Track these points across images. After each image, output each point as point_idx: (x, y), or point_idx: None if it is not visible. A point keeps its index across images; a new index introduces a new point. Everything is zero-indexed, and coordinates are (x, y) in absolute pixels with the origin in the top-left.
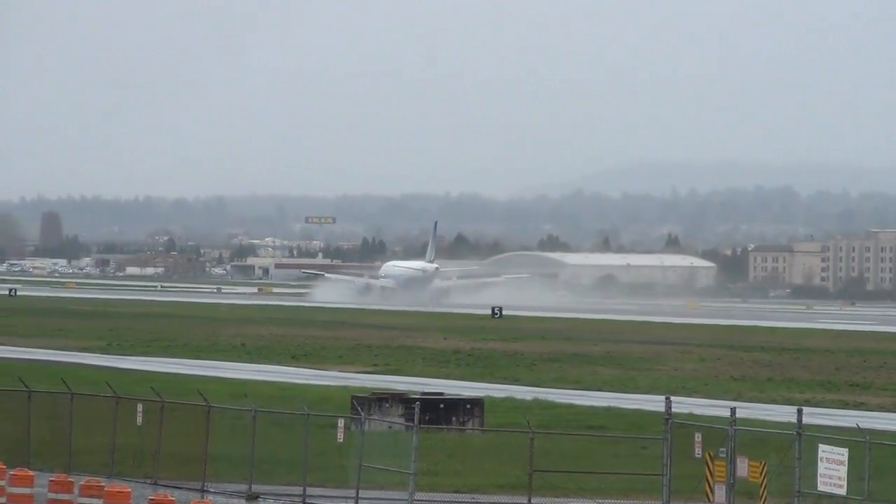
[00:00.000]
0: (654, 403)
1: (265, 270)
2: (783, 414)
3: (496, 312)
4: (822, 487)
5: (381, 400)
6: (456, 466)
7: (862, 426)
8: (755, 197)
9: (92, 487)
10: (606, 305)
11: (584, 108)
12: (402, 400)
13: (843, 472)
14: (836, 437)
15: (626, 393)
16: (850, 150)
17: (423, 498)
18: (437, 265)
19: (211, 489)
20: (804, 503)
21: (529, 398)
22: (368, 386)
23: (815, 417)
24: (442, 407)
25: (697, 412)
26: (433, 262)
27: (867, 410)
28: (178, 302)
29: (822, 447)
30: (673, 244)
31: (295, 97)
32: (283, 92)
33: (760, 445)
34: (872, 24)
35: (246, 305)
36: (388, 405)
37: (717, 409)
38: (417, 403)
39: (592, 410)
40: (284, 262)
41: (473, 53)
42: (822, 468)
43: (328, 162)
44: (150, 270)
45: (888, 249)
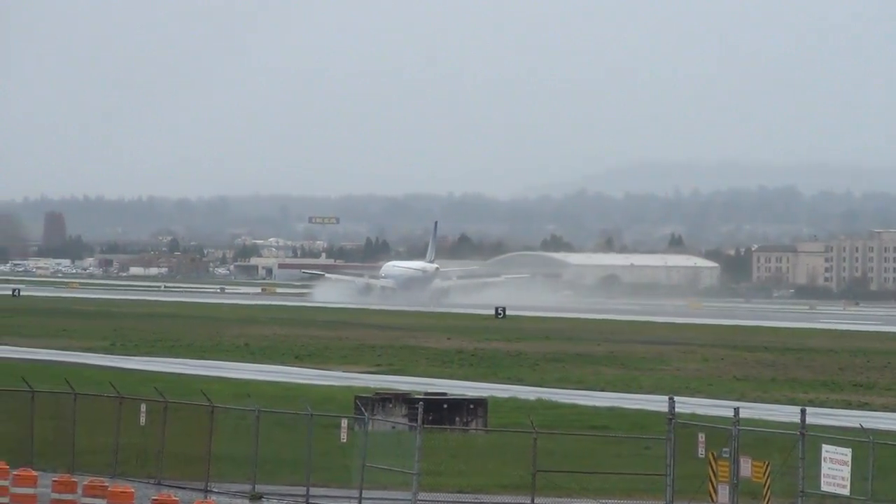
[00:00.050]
0: (657, 403)
1: (268, 270)
2: (786, 414)
3: (499, 312)
4: (825, 487)
5: (384, 400)
6: (459, 466)
7: (865, 426)
8: (758, 197)
9: (95, 487)
10: (609, 305)
11: (584, 108)
12: (405, 400)
13: (846, 472)
14: (839, 437)
15: (629, 393)
16: (852, 150)
17: (426, 498)
18: (437, 265)
19: (214, 489)
20: (807, 503)
21: (533, 398)
22: (372, 386)
23: (818, 417)
24: (445, 407)
25: (701, 412)
26: (433, 262)
27: (871, 410)
28: (181, 302)
29: (825, 447)
30: (676, 244)
31: (296, 97)
32: (284, 92)
33: (764, 445)
34: (872, 24)
35: (249, 305)
36: (391, 405)
37: (720, 409)
38: (421, 403)
39: (596, 410)
40: (288, 262)
41: (473, 53)
42: (825, 468)
43: (331, 162)
44: (153, 271)
45: (891, 249)
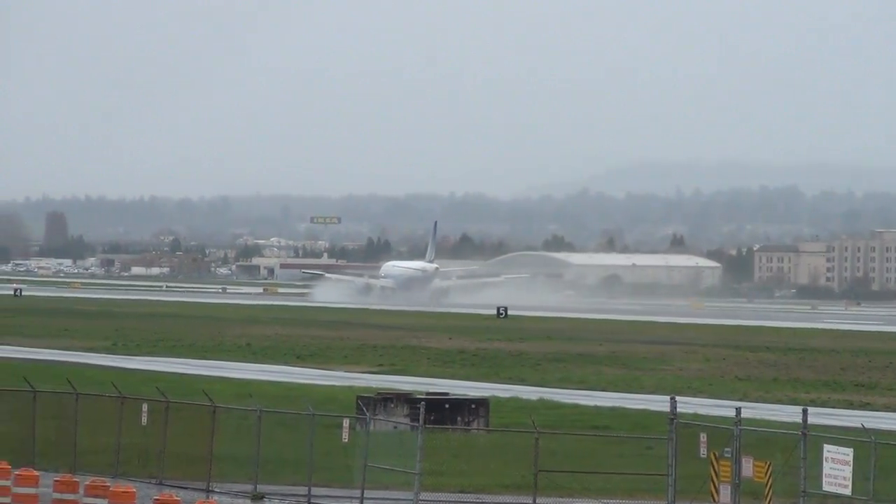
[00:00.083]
0: (659, 403)
1: (270, 270)
2: (788, 414)
3: (501, 312)
4: (827, 487)
5: (386, 400)
6: (461, 466)
7: (867, 426)
8: (760, 197)
9: (97, 487)
10: (611, 305)
11: (585, 108)
12: (407, 400)
13: (848, 472)
14: (841, 437)
15: (631, 393)
16: (854, 150)
17: (428, 498)
18: (436, 265)
19: (216, 489)
20: (809, 503)
21: (534, 398)
22: (373, 386)
23: (820, 417)
24: (447, 407)
25: (702, 412)
26: (433, 261)
27: (873, 410)
28: (183, 302)
29: (827, 447)
30: (678, 244)
31: (296, 97)
32: (285, 91)
33: (765, 445)
34: (872, 24)
35: (251, 305)
36: (393, 405)
37: (722, 409)
38: (422, 403)
39: (597, 410)
40: (289, 262)
41: (474, 53)
42: (827, 468)
43: (332, 162)
44: (155, 270)
45: (893, 249)
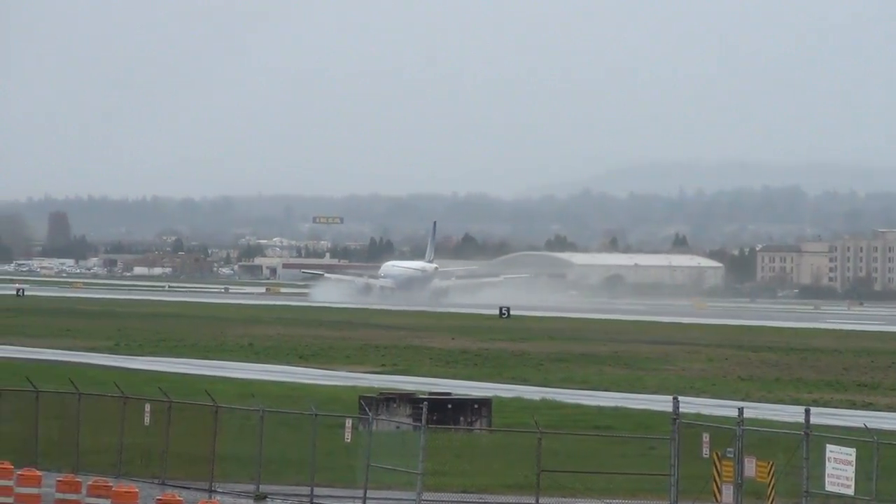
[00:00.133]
0: (661, 403)
1: (273, 270)
2: (791, 414)
3: (503, 312)
4: (829, 487)
5: (388, 400)
6: (464, 466)
7: (870, 426)
8: (762, 197)
9: (99, 487)
10: (614, 305)
11: (587, 108)
12: (409, 400)
13: (850, 472)
14: (843, 437)
15: (633, 393)
16: (856, 150)
17: (430, 498)
18: (436, 265)
19: (219, 489)
20: (812, 503)
21: (537, 398)
22: (376, 386)
23: (823, 418)
24: (450, 407)
25: (705, 412)
26: (433, 261)
27: (875, 410)
28: (185, 302)
29: (829, 447)
30: (680, 244)
31: (298, 97)
32: (286, 92)
33: (768, 445)
34: (872, 24)
35: (253, 305)
36: (395, 405)
37: (724, 409)
38: (425, 403)
39: (600, 410)
40: (292, 262)
41: (474, 53)
42: (829, 468)
43: (335, 162)
44: (157, 270)
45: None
